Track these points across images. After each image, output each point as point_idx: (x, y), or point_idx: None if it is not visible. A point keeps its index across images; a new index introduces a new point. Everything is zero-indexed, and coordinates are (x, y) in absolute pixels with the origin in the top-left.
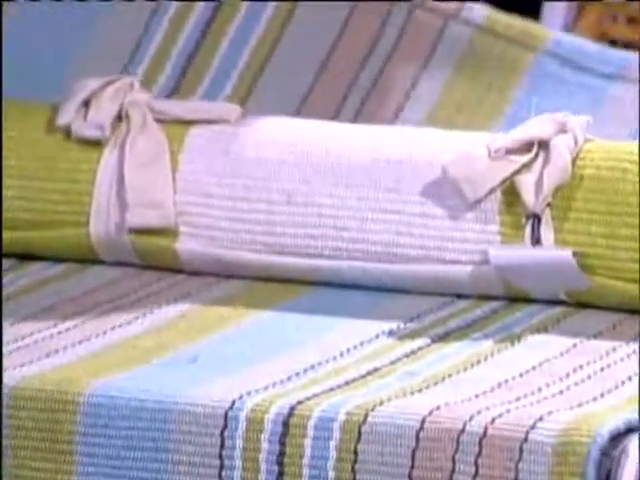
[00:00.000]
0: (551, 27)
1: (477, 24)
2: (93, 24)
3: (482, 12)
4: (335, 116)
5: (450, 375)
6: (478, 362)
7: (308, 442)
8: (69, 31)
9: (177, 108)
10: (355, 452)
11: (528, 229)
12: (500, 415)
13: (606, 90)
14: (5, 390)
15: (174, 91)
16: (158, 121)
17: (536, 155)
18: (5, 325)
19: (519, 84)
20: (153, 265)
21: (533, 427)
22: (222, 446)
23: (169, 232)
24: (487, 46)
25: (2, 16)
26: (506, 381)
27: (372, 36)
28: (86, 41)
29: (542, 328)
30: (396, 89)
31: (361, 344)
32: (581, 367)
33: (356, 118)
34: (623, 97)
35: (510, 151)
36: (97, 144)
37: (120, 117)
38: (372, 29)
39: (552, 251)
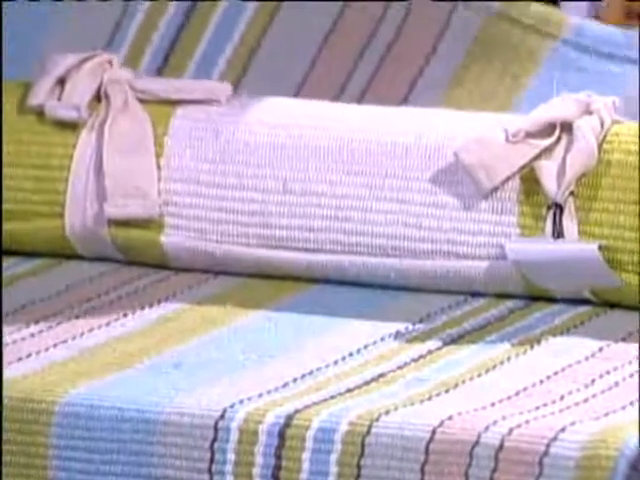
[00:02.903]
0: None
1: (490, 9)
2: (71, 5)
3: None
4: (338, 96)
5: (463, 381)
6: (494, 367)
7: (306, 455)
8: (45, 12)
9: (162, 87)
10: (358, 466)
11: (549, 220)
12: (518, 426)
13: (629, 78)
14: None
15: (160, 69)
16: (141, 101)
17: (558, 138)
18: None
19: (535, 72)
20: (136, 260)
21: (555, 439)
22: (212, 460)
23: (153, 224)
24: (501, 32)
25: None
26: (525, 388)
27: (376, 16)
28: (63, 22)
29: (565, 330)
30: (403, 74)
31: (365, 347)
32: (608, 373)
33: (360, 103)
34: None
35: (530, 134)
36: (73, 126)
37: (99, 97)
38: (376, 9)
39: (576, 245)
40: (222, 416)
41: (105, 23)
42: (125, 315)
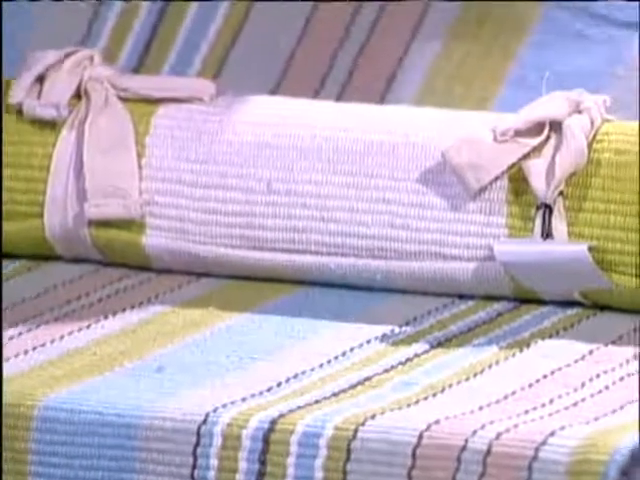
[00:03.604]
0: None
1: None
2: (49, 4)
3: None
4: (318, 91)
5: (451, 385)
6: (482, 370)
7: (291, 460)
8: (28, 10)
9: (143, 85)
10: (344, 472)
11: (538, 221)
12: (507, 430)
13: (628, 43)
14: None
15: (137, 68)
16: (122, 99)
17: (548, 137)
18: None
19: (524, 41)
20: (117, 261)
21: (544, 443)
22: (194, 466)
23: (134, 225)
24: (482, 11)
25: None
26: (513, 392)
27: (350, 11)
28: (43, 20)
29: (554, 332)
30: (386, 53)
31: (351, 350)
32: (598, 376)
33: (342, 93)
34: None
35: (518, 133)
36: (53, 125)
37: (79, 95)
38: (350, 5)
39: (565, 246)
40: (205, 421)
41: (79, 22)
42: (106, 317)
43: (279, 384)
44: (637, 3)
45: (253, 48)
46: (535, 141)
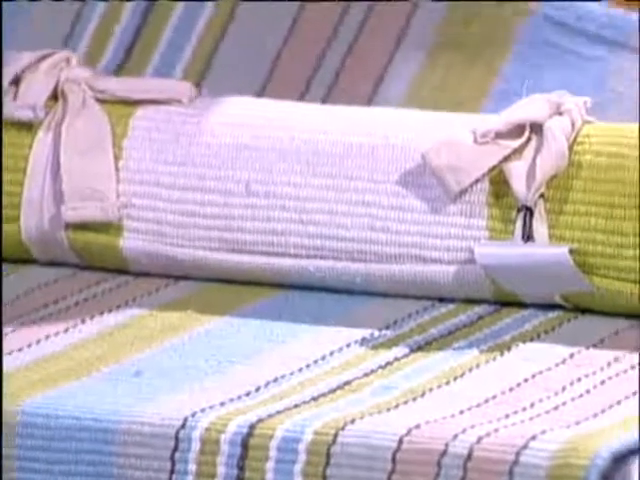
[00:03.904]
0: None
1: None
2: (31, 4)
3: None
4: (304, 93)
5: (431, 389)
6: (462, 374)
7: (270, 465)
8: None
9: (121, 86)
10: (324, 477)
11: (519, 223)
12: (487, 434)
13: (610, 62)
14: None
15: (118, 71)
16: (99, 101)
17: (528, 140)
18: None
19: (507, 56)
20: (94, 265)
21: (525, 447)
22: (172, 471)
23: (112, 227)
24: (469, 12)
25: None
26: (494, 396)
27: (338, 11)
28: (22, 17)
29: (535, 336)
30: (368, 67)
31: (330, 354)
32: (579, 380)
33: (328, 95)
34: (631, 70)
35: (499, 135)
36: (29, 127)
37: (56, 96)
38: (337, 6)
39: (546, 248)
40: (183, 425)
41: (62, 23)
42: (83, 321)
43: (258, 388)
44: (623, 22)
45: (238, 49)
46: (516, 143)
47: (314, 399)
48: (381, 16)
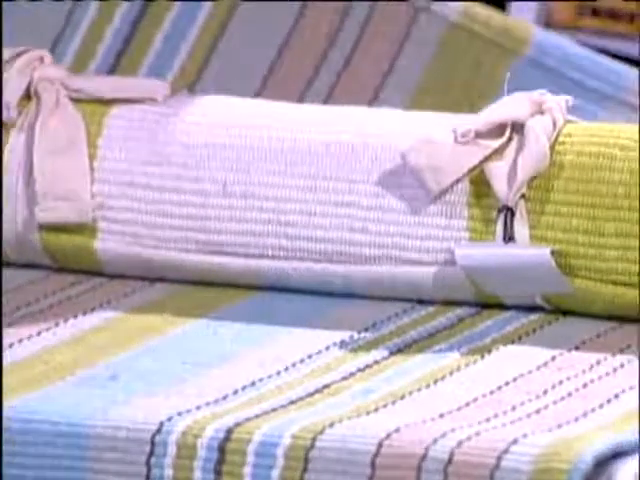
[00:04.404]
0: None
1: (449, 20)
2: (20, 4)
3: (457, 5)
4: (303, 95)
5: (411, 392)
6: (443, 377)
7: (247, 470)
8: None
9: (95, 85)
10: None
11: (500, 224)
12: (468, 438)
13: (596, 114)
14: None
15: (112, 70)
16: (73, 100)
17: (509, 139)
18: None
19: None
20: (68, 267)
21: (506, 452)
22: (148, 476)
23: (86, 229)
24: (460, 48)
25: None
26: (475, 399)
27: (332, 29)
28: (12, 15)
29: (516, 338)
30: (358, 91)
31: (309, 357)
32: (561, 383)
33: (328, 98)
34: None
35: (479, 135)
36: (2, 126)
37: (29, 95)
38: (332, 22)
39: (527, 250)
40: (159, 430)
41: (54, 22)
42: (57, 324)
43: (235, 392)
44: (611, 71)
45: (236, 51)
46: (496, 143)
47: (292, 403)
48: (383, 17)
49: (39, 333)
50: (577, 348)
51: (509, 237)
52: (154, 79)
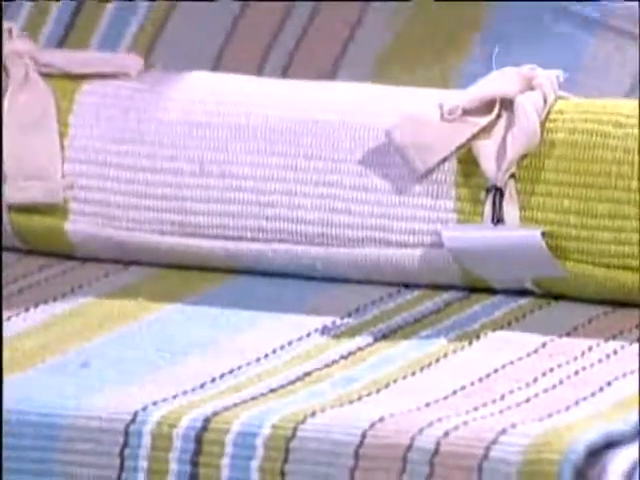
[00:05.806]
0: None
1: None
2: None
3: None
4: (259, 71)
5: (396, 380)
6: (429, 364)
7: (225, 462)
8: None
9: (66, 59)
10: (282, 473)
11: (489, 205)
12: (455, 428)
13: (587, 41)
14: None
15: (60, 43)
16: (43, 75)
17: (498, 116)
18: None
19: (474, 38)
20: (38, 250)
21: (495, 442)
22: (122, 468)
23: (57, 209)
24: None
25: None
26: (462, 387)
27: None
28: None
29: (505, 324)
30: (323, 50)
31: (289, 344)
32: (552, 370)
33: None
34: (608, 51)
35: (467, 112)
36: None
37: None
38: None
39: (517, 231)
40: (133, 420)
41: None
42: (27, 309)
43: (213, 380)
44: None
45: (187, 25)
46: (485, 120)
47: (272, 391)
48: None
49: (9, 318)
50: (568, 334)
51: (498, 218)
52: (127, 54)
